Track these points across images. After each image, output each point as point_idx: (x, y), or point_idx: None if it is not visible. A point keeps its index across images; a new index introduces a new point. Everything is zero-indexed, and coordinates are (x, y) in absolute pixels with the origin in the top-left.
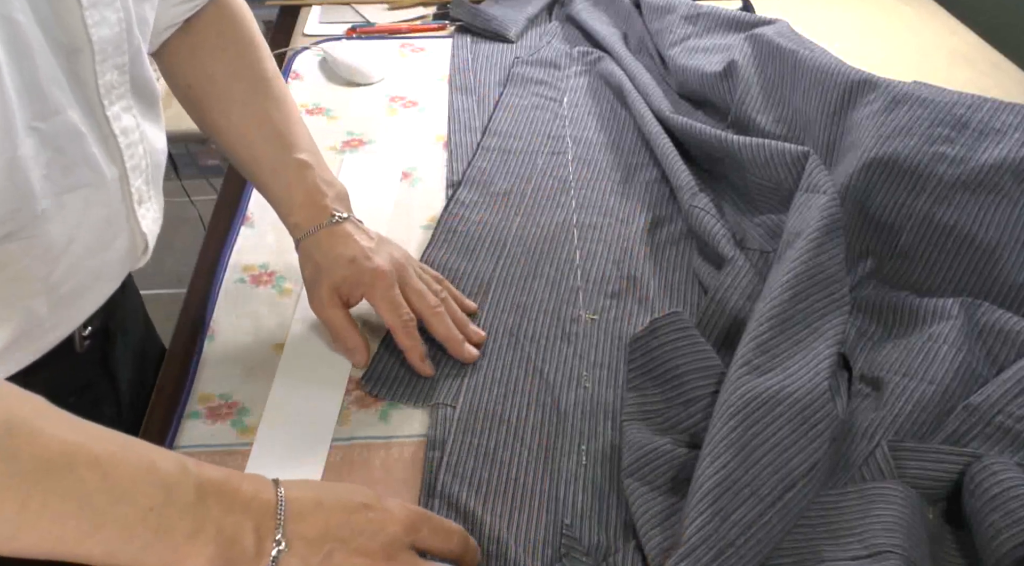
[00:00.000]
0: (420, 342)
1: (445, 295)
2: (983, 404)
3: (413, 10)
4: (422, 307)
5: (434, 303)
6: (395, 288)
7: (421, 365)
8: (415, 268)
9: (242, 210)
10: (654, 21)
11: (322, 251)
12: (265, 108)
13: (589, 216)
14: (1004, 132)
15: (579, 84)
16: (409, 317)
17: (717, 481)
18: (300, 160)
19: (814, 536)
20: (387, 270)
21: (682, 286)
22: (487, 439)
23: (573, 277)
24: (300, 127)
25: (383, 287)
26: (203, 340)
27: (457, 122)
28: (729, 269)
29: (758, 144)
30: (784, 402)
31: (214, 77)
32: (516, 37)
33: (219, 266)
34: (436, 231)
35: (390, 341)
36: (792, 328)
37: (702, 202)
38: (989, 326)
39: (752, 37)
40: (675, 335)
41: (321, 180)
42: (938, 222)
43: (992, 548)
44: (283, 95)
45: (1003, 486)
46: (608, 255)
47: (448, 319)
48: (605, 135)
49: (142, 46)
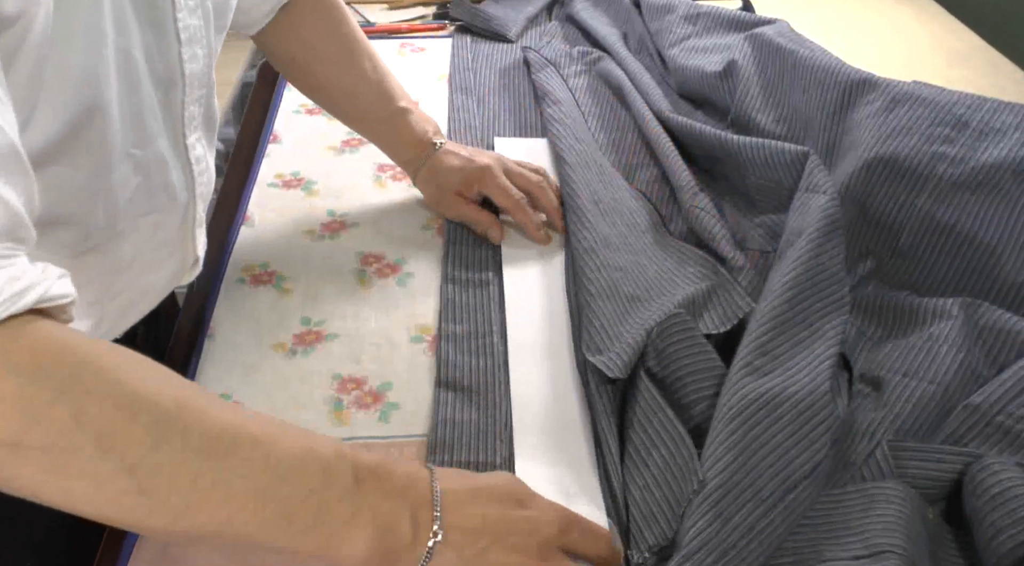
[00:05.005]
0: (533, 215)
1: (543, 177)
2: (983, 404)
3: (413, 10)
4: (527, 185)
5: (536, 180)
6: (502, 177)
7: (537, 234)
8: (512, 162)
9: (242, 210)
10: (654, 21)
11: (437, 172)
12: (363, 67)
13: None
14: (1004, 132)
15: (579, 84)
16: (520, 196)
17: (718, 483)
18: (400, 108)
19: (815, 536)
20: (491, 164)
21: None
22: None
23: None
24: (392, 78)
25: (491, 177)
26: (203, 340)
27: (457, 122)
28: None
29: (758, 144)
30: (785, 403)
31: (316, 48)
32: (516, 37)
33: (219, 266)
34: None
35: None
36: (792, 329)
37: (702, 202)
38: (989, 326)
39: (752, 37)
40: (677, 337)
41: (421, 120)
42: (938, 222)
43: (992, 548)
44: (372, 51)
45: (1004, 485)
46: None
47: (551, 193)
48: (605, 135)
49: (214, 78)
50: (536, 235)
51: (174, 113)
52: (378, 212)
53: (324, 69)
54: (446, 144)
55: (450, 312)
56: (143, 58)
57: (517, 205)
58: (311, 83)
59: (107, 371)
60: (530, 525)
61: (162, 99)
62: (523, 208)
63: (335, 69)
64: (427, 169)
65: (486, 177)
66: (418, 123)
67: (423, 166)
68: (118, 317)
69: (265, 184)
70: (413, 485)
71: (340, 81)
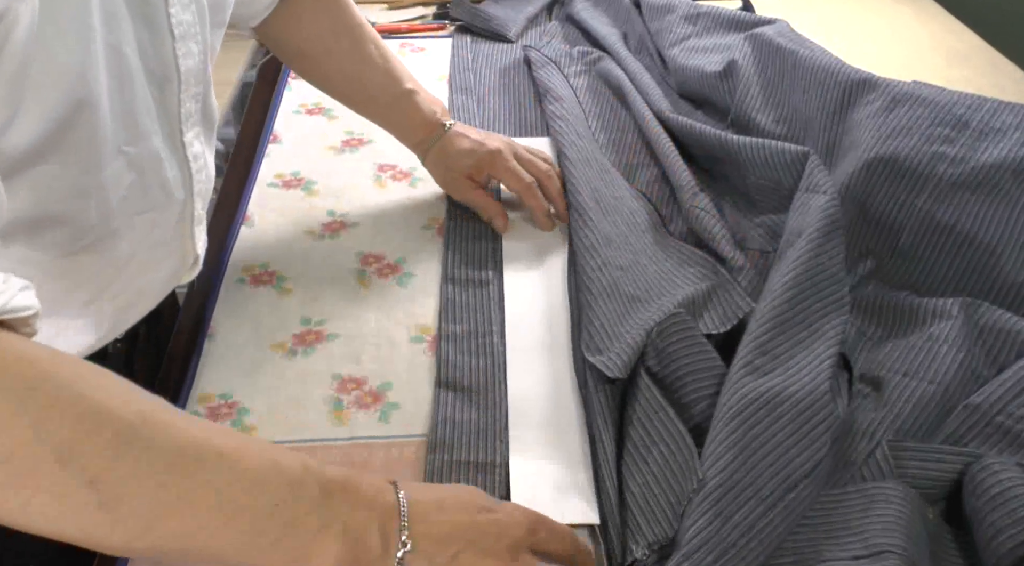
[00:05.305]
0: (542, 199)
1: (550, 165)
2: (983, 404)
3: (413, 10)
4: (536, 172)
5: (545, 169)
6: (513, 161)
7: (544, 220)
8: (522, 148)
9: (242, 210)
10: (654, 21)
11: (447, 153)
12: (368, 52)
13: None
14: (1004, 132)
15: (579, 84)
16: (530, 180)
17: (718, 483)
18: (408, 89)
19: (814, 535)
20: (502, 148)
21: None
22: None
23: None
24: (396, 61)
25: (502, 161)
26: (203, 340)
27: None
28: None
29: (758, 144)
30: (785, 403)
31: (321, 36)
32: (516, 37)
33: (219, 266)
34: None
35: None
36: (792, 329)
37: (703, 202)
38: (989, 326)
39: (752, 37)
40: (677, 336)
41: (428, 100)
42: (938, 222)
43: (992, 548)
44: (375, 36)
45: (1004, 485)
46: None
47: (558, 182)
48: (605, 135)
49: (211, 75)
50: (543, 221)
51: (170, 110)
52: (378, 212)
53: (329, 58)
54: (455, 125)
55: (450, 312)
56: (135, 54)
57: (528, 189)
58: (317, 73)
59: (68, 384)
60: (498, 528)
61: (157, 96)
62: (534, 192)
63: (341, 57)
64: (437, 150)
65: (497, 161)
66: (426, 104)
67: (433, 147)
68: (117, 317)
69: (265, 184)
70: (380, 496)
71: (346, 69)
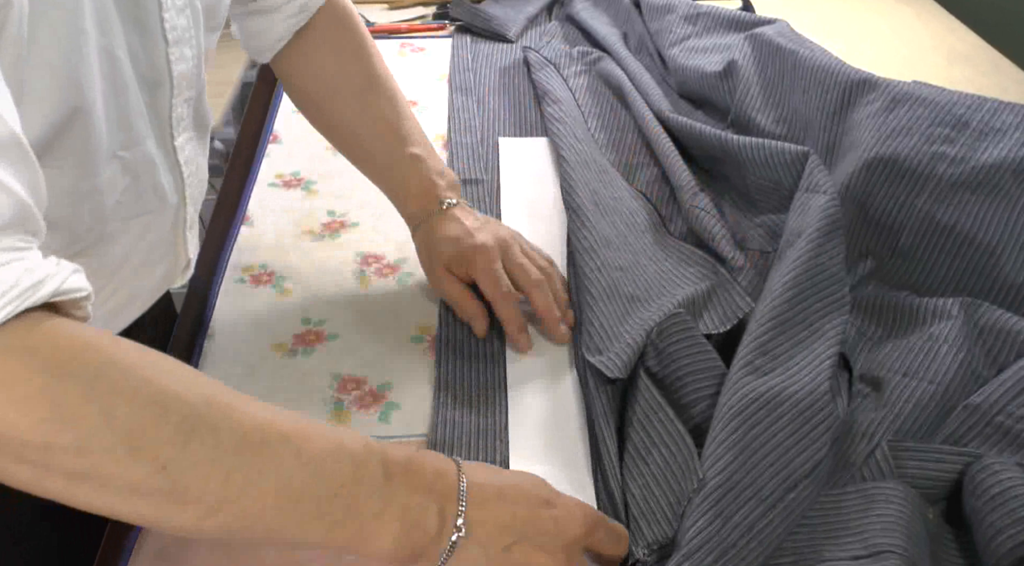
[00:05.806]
0: (519, 314)
1: (551, 272)
2: (983, 404)
3: (413, 10)
4: (524, 280)
5: (536, 278)
6: (497, 262)
7: (519, 337)
8: (521, 246)
9: (242, 210)
10: (654, 21)
11: (433, 236)
12: (378, 106)
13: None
14: (1004, 132)
15: (579, 84)
16: (508, 289)
17: (718, 483)
18: (413, 154)
19: (814, 536)
20: (489, 245)
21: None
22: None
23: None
24: (411, 122)
25: (484, 261)
26: (203, 340)
27: (457, 122)
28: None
29: (758, 144)
30: (785, 403)
31: (328, 79)
32: (516, 37)
33: (219, 266)
34: None
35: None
36: (792, 329)
37: (703, 202)
38: (989, 326)
39: (752, 37)
40: (677, 337)
41: (433, 172)
42: (938, 222)
43: (992, 548)
44: (394, 92)
45: (1004, 486)
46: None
47: (549, 295)
48: (605, 135)
49: (204, 79)
50: (517, 338)
51: (161, 115)
52: (378, 212)
53: (333, 101)
54: (456, 206)
55: (450, 312)
56: (127, 58)
57: (501, 298)
58: (320, 118)
59: (134, 369)
60: (556, 525)
61: (148, 100)
62: (507, 303)
63: (346, 105)
64: (425, 229)
65: (478, 259)
66: (429, 175)
67: (421, 226)
68: (108, 321)
69: (265, 184)
70: (440, 479)
71: (348, 116)
